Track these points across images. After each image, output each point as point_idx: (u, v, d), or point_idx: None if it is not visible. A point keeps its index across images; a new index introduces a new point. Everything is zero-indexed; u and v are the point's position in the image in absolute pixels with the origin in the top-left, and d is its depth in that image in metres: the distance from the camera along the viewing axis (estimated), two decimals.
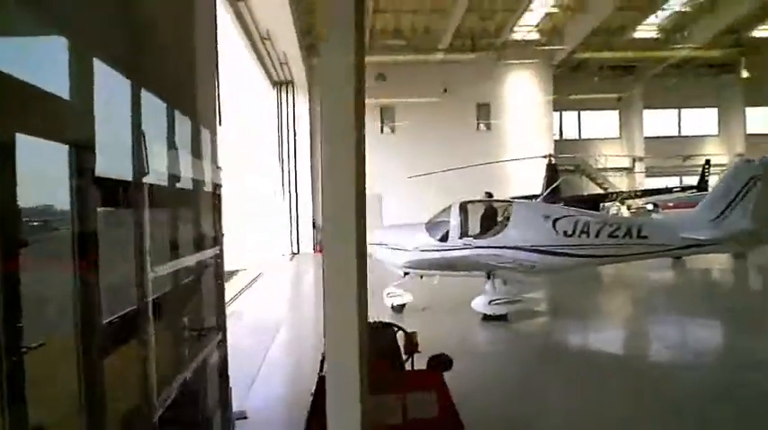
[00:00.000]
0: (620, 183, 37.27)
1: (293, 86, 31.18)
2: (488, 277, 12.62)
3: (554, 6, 28.77)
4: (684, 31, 30.65)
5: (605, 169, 37.83)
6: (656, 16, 30.25)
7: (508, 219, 13.21)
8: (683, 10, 29.27)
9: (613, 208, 32.01)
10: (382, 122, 33.30)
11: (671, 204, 24.30)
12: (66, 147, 3.25)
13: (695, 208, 13.78)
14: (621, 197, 30.35)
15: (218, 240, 6.32)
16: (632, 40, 32.24)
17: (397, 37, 30.48)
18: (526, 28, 30.95)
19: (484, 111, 33.60)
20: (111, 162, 4.08)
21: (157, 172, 4.84)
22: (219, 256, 6.48)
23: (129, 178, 4.29)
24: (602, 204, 29.75)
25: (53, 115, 3.16)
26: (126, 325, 4.00)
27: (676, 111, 39.82)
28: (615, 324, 13.46)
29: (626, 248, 12.65)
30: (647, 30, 31.95)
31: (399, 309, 13.58)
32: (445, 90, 32.16)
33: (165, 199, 5.07)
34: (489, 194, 20.30)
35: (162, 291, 4.85)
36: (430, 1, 27.45)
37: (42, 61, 3.32)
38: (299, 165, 31.63)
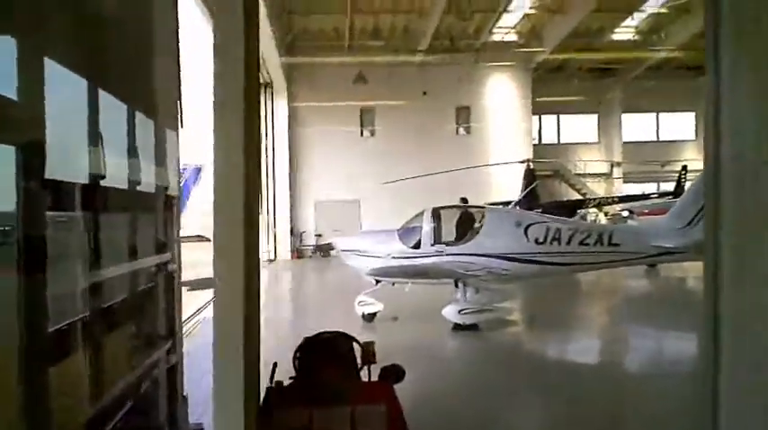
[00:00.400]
0: (598, 189, 37.38)
1: (272, 88, 30.91)
2: (456, 285, 12.42)
3: (532, 8, 28.71)
4: (661, 33, 30.71)
5: (584, 174, 37.87)
6: (633, 18, 30.27)
7: (480, 225, 13.07)
8: (660, 11, 29.30)
9: (591, 214, 32.24)
10: (362, 125, 33.09)
11: (646, 211, 24.25)
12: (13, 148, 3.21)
13: (666, 215, 13.73)
14: (599, 203, 30.43)
15: (169, 246, 6.11)
16: (610, 42, 32.25)
17: (376, 38, 30.28)
18: (505, 30, 30.91)
19: (463, 115, 33.50)
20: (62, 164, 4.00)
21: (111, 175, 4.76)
22: (171, 262, 6.29)
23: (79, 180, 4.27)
24: (579, 210, 29.89)
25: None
26: (63, 334, 3.94)
27: (654, 115, 39.94)
28: (587, 333, 13.28)
29: (597, 256, 12.53)
30: (625, 32, 32.01)
31: (370, 317, 13.36)
32: (425, 93, 32.02)
33: (108, 201, 4.91)
34: (464, 200, 20.14)
35: (102, 297, 4.72)
36: (408, 1, 27.29)
37: None
38: (278, 170, 31.36)
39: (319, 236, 31.54)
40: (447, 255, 12.75)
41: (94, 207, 4.59)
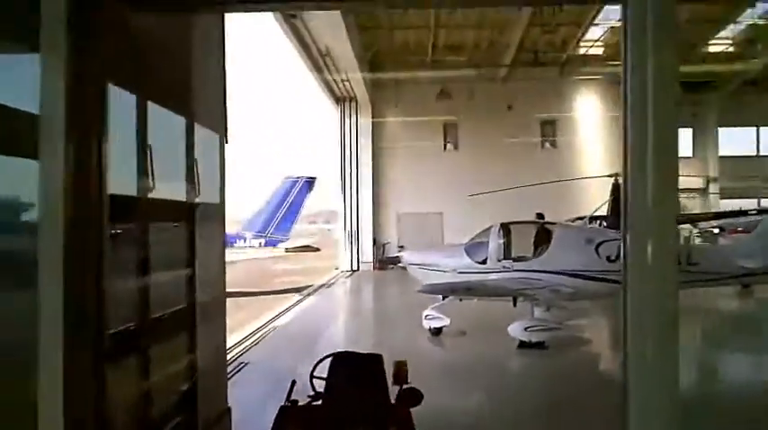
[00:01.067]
0: (693, 205, 35.84)
1: (356, 102, 31.39)
2: (514, 304, 12.16)
3: (620, 20, 27.89)
4: (758, 44, 29.21)
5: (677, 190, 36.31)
6: (728, 30, 28.99)
7: (550, 241, 12.80)
8: (758, 22, 27.92)
9: (684, 229, 30.88)
10: (445, 139, 33.09)
11: (740, 228, 23.02)
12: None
13: (751, 234, 13.04)
14: (691, 219, 29.14)
15: (210, 258, 6.27)
16: (705, 54, 30.96)
17: (459, 52, 30.22)
18: (591, 43, 30.20)
19: (549, 129, 32.97)
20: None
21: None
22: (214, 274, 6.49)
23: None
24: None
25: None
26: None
27: (755, 129, 37.99)
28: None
29: None
30: (720, 44, 30.65)
31: (437, 332, 13.34)
32: (510, 107, 31.73)
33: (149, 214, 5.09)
34: (540, 215, 19.86)
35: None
36: (492, 15, 27.09)
37: None
38: (362, 183, 31.76)
39: (402, 247, 31.67)
40: (514, 271, 12.54)
41: (131, 220, 4.78)
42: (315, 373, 5.03)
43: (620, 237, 12.89)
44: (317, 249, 21.99)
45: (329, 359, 5.33)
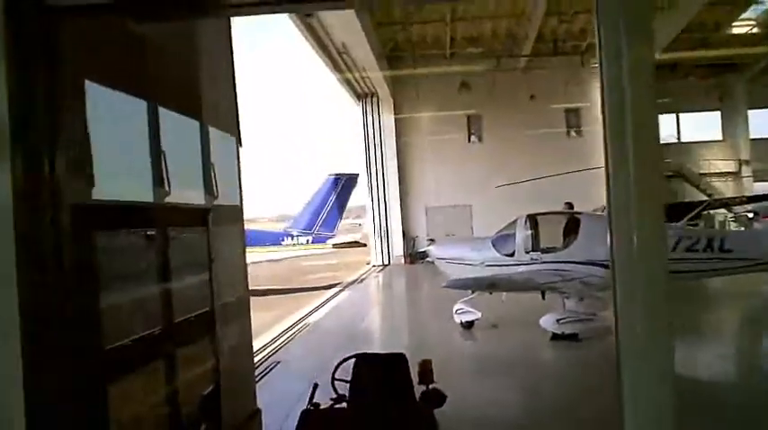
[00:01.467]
0: (725, 189, 35.22)
1: (377, 98, 31.31)
2: (543, 297, 12.02)
3: None
4: None
5: (709, 174, 35.80)
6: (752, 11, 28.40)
7: (578, 232, 12.58)
8: None
9: (719, 215, 30.33)
10: (469, 131, 32.89)
11: None
12: None
13: None
14: (726, 203, 28.61)
15: (231, 260, 6.23)
16: (728, 36, 30.34)
17: (478, 44, 29.98)
18: None
19: (573, 117, 32.58)
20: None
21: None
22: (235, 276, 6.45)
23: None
24: (706, 212, 28.18)
25: None
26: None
27: None
28: (693, 345, 12.38)
29: (706, 263, 11.77)
30: (744, 25, 30.00)
31: (468, 325, 13.20)
32: (532, 97, 31.43)
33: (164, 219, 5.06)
34: (570, 205, 19.64)
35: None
36: (509, 5, 26.80)
37: None
38: (389, 178, 31.68)
39: (432, 241, 31.54)
40: (542, 262, 12.35)
41: (143, 225, 4.75)
42: (336, 375, 4.95)
43: None
44: (364, 245, 22.12)
45: (352, 360, 5.26)
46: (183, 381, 5.13)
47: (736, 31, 30.40)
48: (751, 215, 24.45)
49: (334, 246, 24.74)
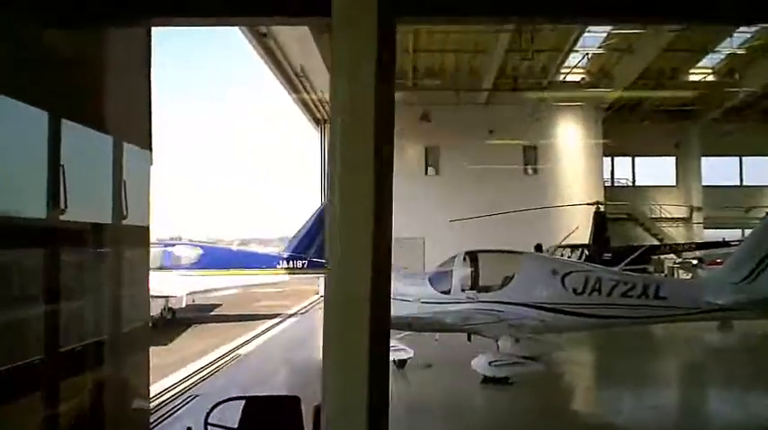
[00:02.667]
0: (676, 235, 35.67)
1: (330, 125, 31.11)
2: (468, 338, 11.85)
3: (600, 47, 27.92)
4: (735, 75, 29.12)
5: (661, 219, 36.27)
6: (709, 59, 29.05)
7: (515, 273, 12.39)
8: (737, 52, 27.92)
9: (668, 260, 30.65)
10: (427, 164, 32.77)
11: (718, 260, 22.61)
12: None
13: (720, 267, 12.70)
14: (675, 249, 28.94)
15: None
16: (686, 82, 30.93)
17: (440, 77, 30.06)
18: (572, 69, 30.10)
19: (531, 154, 32.70)
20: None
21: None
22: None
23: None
24: (655, 256, 28.50)
25: None
26: None
27: (737, 159, 38.00)
28: (626, 391, 12.23)
29: (641, 310, 11.66)
30: (702, 72, 30.61)
31: (401, 364, 12.86)
32: (491, 131, 31.46)
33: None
34: (538, 247, 19.87)
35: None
36: (472, 41, 26.95)
37: None
38: None
39: None
40: (478, 302, 12.12)
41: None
42: (211, 420, 4.59)
43: (585, 268, 12.69)
44: None
45: (236, 403, 4.93)
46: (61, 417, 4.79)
47: (693, 78, 30.94)
48: (695, 262, 24.66)
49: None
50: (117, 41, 5.87)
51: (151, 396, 11.41)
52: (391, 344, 12.73)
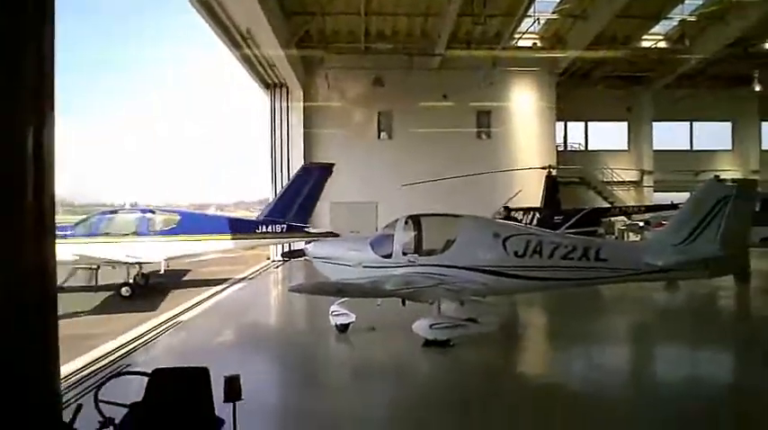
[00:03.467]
0: (627, 198, 36.14)
1: (287, 89, 30.53)
2: (403, 303, 11.78)
3: (554, 13, 27.79)
4: (685, 41, 29.31)
5: (612, 182, 36.69)
6: (661, 25, 29.19)
7: (456, 236, 12.25)
8: (689, 19, 28.06)
9: (618, 223, 31.09)
10: (379, 128, 32.44)
11: (664, 222, 22.96)
12: None
13: (661, 229, 12.75)
14: (624, 211, 29.28)
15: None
16: (639, 48, 31.06)
17: (393, 41, 29.63)
18: (526, 34, 29.91)
19: (484, 119, 32.60)
20: None
21: None
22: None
23: None
24: (607, 219, 28.86)
25: None
26: None
27: (688, 124, 38.55)
28: (561, 351, 12.26)
29: (581, 272, 11.64)
30: (653, 39, 30.76)
31: (343, 328, 12.79)
32: (445, 96, 31.27)
33: None
34: (507, 208, 19.91)
35: None
36: (424, 3, 26.54)
37: None
38: (293, 170, 30.86)
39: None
40: (419, 265, 11.98)
41: None
42: (102, 396, 4.35)
43: (526, 231, 12.61)
44: (338, 235, 21.58)
45: (140, 377, 4.71)
46: None
47: (645, 44, 31.08)
48: (642, 224, 25.01)
49: (309, 235, 24.10)
50: None
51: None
52: (333, 309, 12.71)
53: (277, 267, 27.71)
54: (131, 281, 19.11)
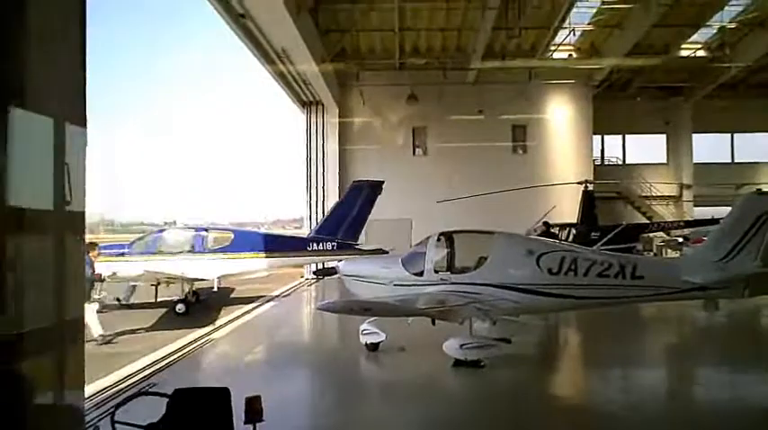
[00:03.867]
0: (666, 212, 35.47)
1: (323, 107, 30.70)
2: (433, 323, 11.59)
3: (589, 24, 27.53)
4: (726, 50, 28.72)
5: (651, 197, 36.03)
6: (700, 34, 28.68)
7: (489, 253, 12.09)
8: (729, 26, 27.52)
9: (658, 238, 30.47)
10: (414, 144, 32.43)
11: (703, 237, 22.39)
12: None
13: (700, 245, 12.42)
14: (663, 227, 28.70)
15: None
16: (678, 58, 30.53)
17: (427, 56, 29.67)
18: (561, 46, 29.67)
19: (520, 133, 32.38)
20: None
21: None
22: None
23: None
24: (645, 235, 28.28)
25: None
26: None
27: (729, 135, 37.71)
28: (604, 374, 11.95)
29: (617, 290, 11.37)
30: (693, 48, 30.20)
31: (374, 347, 12.65)
32: (480, 111, 31.16)
33: None
34: (546, 224, 19.71)
35: None
36: (459, 19, 26.54)
37: None
38: (329, 187, 31.01)
39: None
40: (451, 283, 11.84)
41: None
42: (121, 416, 4.34)
43: (560, 248, 12.38)
44: (387, 252, 21.77)
45: (159, 398, 4.69)
46: None
47: (684, 53, 30.52)
48: (681, 240, 24.45)
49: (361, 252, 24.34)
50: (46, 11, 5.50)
51: None
52: (364, 328, 12.61)
53: (310, 285, 27.71)
54: (184, 298, 19.21)
